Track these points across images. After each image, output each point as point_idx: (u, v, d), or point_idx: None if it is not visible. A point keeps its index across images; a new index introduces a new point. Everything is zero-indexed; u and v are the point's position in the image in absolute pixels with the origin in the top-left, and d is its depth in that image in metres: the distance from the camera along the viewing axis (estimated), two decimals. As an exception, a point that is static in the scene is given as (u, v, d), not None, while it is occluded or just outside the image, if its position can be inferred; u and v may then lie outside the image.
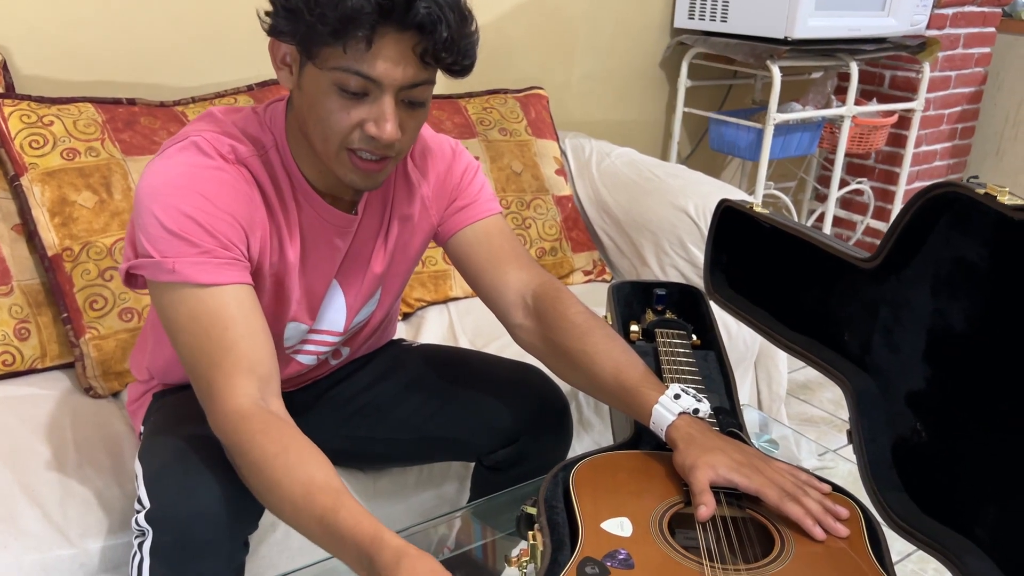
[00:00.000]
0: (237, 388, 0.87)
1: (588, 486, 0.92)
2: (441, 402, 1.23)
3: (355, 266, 1.10)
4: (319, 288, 1.08)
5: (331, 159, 0.94)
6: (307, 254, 1.04)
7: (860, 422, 0.99)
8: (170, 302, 0.91)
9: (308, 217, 1.02)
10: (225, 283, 0.91)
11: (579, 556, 0.81)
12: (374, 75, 0.86)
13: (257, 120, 1.00)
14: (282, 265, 1.02)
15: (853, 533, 0.85)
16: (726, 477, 0.88)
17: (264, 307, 1.04)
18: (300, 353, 1.16)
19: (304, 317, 1.10)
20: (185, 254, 0.89)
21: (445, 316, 1.74)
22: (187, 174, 0.92)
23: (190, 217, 0.90)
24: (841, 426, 2.18)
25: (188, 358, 0.91)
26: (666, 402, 0.95)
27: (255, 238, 0.97)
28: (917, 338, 0.96)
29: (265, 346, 0.91)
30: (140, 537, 0.97)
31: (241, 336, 0.89)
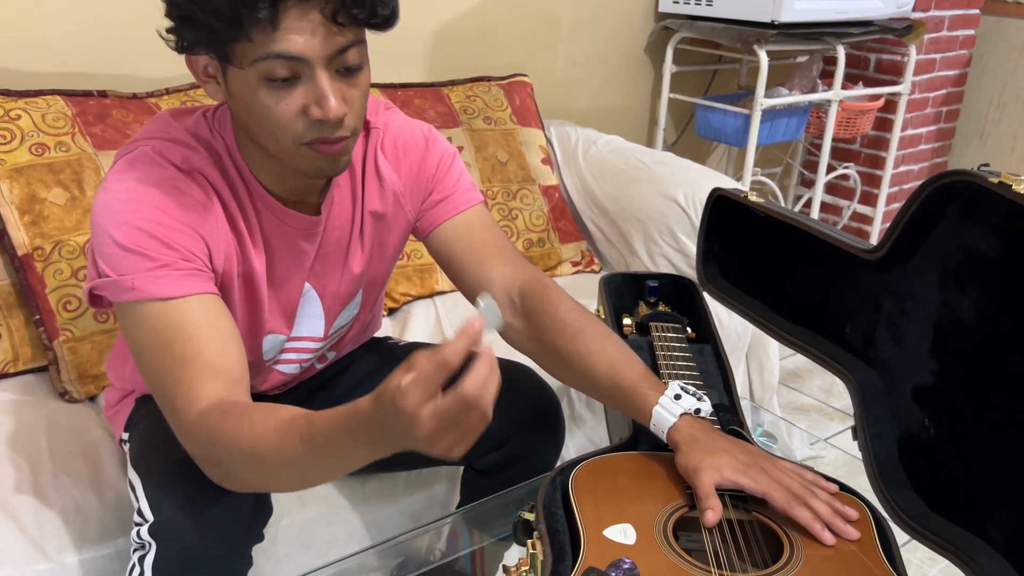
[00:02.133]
0: (200, 394, 0.83)
1: (588, 491, 0.88)
2: None
3: (329, 269, 1.05)
4: (292, 295, 1.04)
5: (289, 156, 0.88)
6: (273, 262, 1.00)
7: (865, 417, 0.96)
8: (133, 322, 0.86)
9: (269, 223, 0.97)
10: (187, 294, 0.86)
11: (582, 566, 0.77)
12: (293, 51, 0.80)
13: (207, 125, 0.94)
14: (249, 275, 0.98)
15: (863, 535, 0.83)
16: (732, 479, 0.85)
17: (238, 322, 1.00)
18: (281, 363, 1.12)
19: (280, 327, 1.06)
20: (143, 268, 0.85)
21: (431, 311, 1.70)
22: (139, 188, 0.87)
23: (145, 231, 0.85)
24: (832, 414, 2.17)
25: (152, 378, 0.87)
26: (666, 403, 0.91)
27: (218, 250, 0.92)
28: (923, 331, 0.93)
29: (232, 351, 0.87)
30: (141, 551, 0.93)
31: (205, 344, 0.85)
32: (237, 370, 0.86)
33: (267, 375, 1.12)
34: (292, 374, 1.15)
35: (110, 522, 1.11)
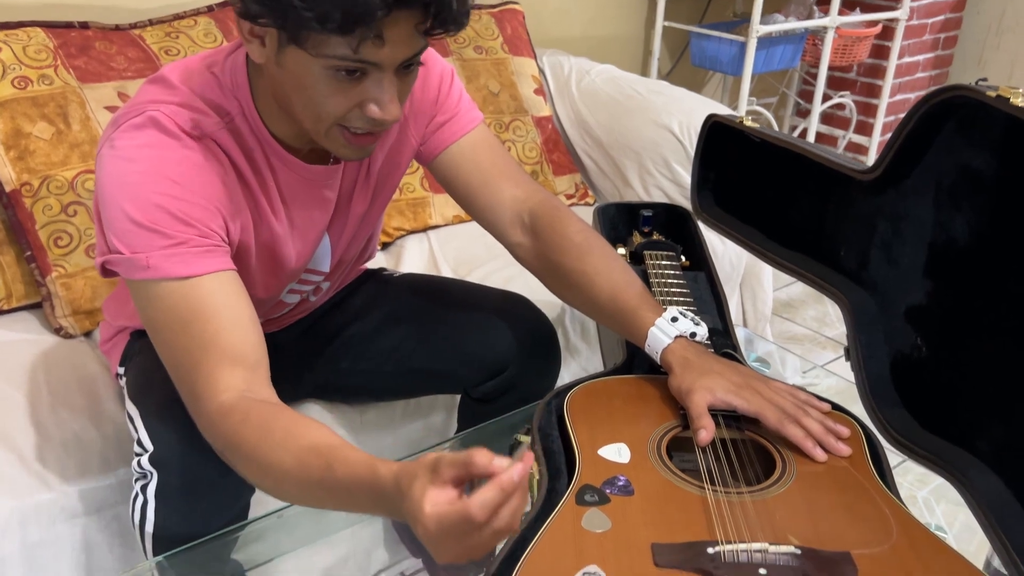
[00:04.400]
0: (219, 384, 0.81)
1: (583, 413, 0.89)
2: (424, 334, 1.19)
3: (339, 212, 1.04)
4: (312, 246, 1.03)
5: (320, 136, 0.86)
6: (294, 220, 0.98)
7: (858, 338, 0.97)
8: (148, 299, 0.84)
9: (288, 180, 0.94)
10: (204, 272, 0.83)
11: (577, 484, 0.79)
12: (374, 60, 0.77)
13: (217, 84, 0.89)
14: (270, 241, 0.96)
15: (854, 452, 0.84)
16: (724, 400, 0.86)
17: (258, 286, 0.98)
18: (288, 294, 1.12)
19: (298, 275, 1.06)
20: (158, 246, 0.82)
21: (426, 245, 1.70)
22: (151, 157, 0.83)
23: (161, 207, 0.82)
24: (825, 343, 2.18)
25: (169, 359, 0.85)
26: (663, 325, 0.92)
27: (234, 221, 0.89)
28: (917, 252, 0.93)
29: (251, 334, 0.85)
30: (143, 480, 0.94)
31: (223, 327, 0.82)
32: (256, 354, 0.84)
33: (273, 307, 1.12)
34: (291, 304, 1.15)
35: (110, 453, 1.12)
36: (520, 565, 0.69)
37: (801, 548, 0.70)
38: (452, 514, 0.61)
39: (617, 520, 0.74)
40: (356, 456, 0.72)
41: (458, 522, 0.61)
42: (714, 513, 0.75)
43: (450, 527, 0.61)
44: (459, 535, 0.62)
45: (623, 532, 0.73)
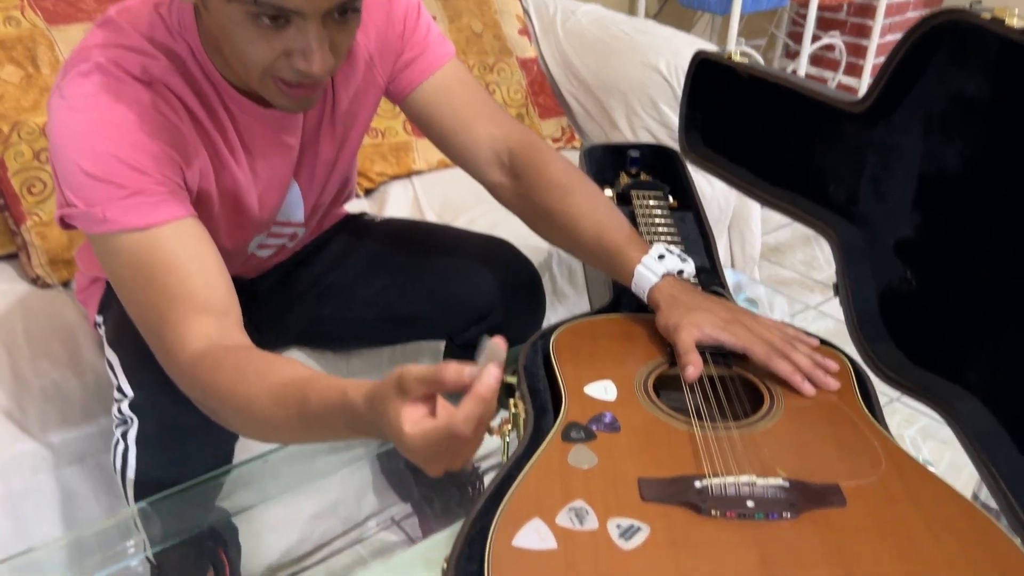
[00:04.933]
0: (189, 335, 0.78)
1: (569, 352, 0.88)
2: (406, 281, 1.17)
3: (306, 158, 1.00)
4: (278, 196, 1.00)
5: (255, 84, 0.82)
6: (257, 167, 0.94)
7: (847, 273, 0.96)
8: (108, 253, 0.81)
9: (246, 125, 0.91)
10: (163, 221, 0.80)
11: (563, 422, 0.78)
12: (296, 7, 0.73)
13: (165, 25, 0.85)
14: (232, 188, 0.93)
15: (843, 386, 0.83)
16: (712, 335, 0.85)
17: (223, 237, 0.95)
18: (260, 248, 1.09)
19: (267, 227, 1.03)
20: (114, 198, 0.78)
21: (409, 190, 1.67)
22: (100, 106, 0.79)
23: (113, 156, 0.78)
24: (813, 286, 2.18)
25: (136, 313, 0.82)
26: (649, 263, 0.90)
27: (192, 168, 0.86)
28: (907, 185, 0.91)
29: (218, 281, 0.82)
30: (123, 426, 0.93)
31: (188, 276, 0.80)
32: (224, 302, 0.82)
33: (245, 261, 1.09)
34: (267, 256, 1.13)
35: (91, 402, 1.11)
36: (506, 502, 0.68)
37: (789, 480, 0.70)
38: (436, 432, 0.59)
39: (603, 456, 0.73)
40: (328, 384, 0.69)
41: (443, 439, 0.59)
42: (701, 448, 0.74)
43: (435, 445, 0.60)
44: (446, 451, 0.61)
45: (610, 468, 0.72)
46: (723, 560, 0.63)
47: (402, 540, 1.41)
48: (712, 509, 0.67)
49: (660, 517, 0.67)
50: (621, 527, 0.66)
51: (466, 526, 0.70)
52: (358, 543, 1.40)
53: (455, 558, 0.67)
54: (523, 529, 0.66)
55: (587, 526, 0.66)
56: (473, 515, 0.71)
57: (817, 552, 0.64)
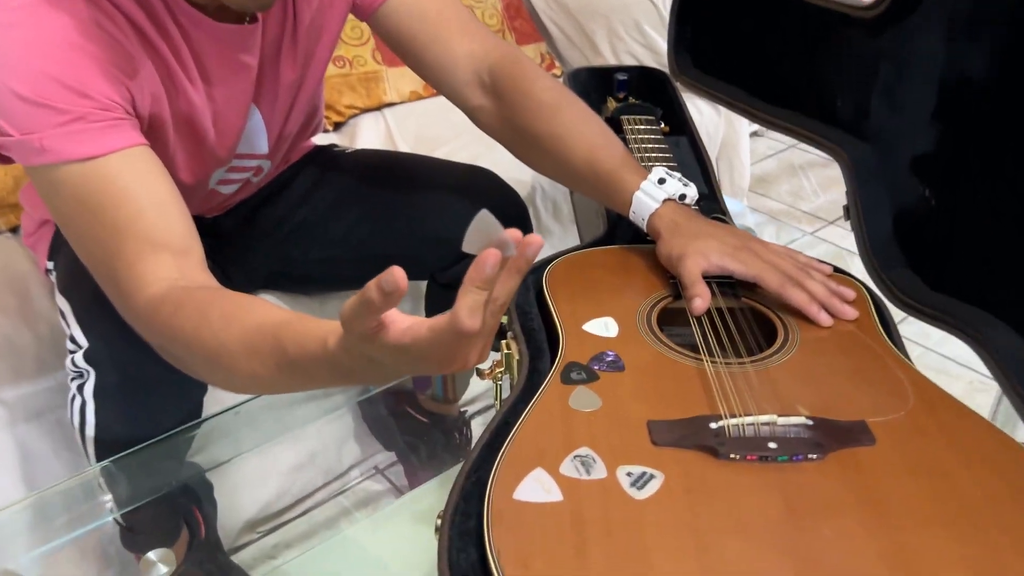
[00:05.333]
0: (145, 276, 0.70)
1: (564, 287, 0.81)
2: (380, 216, 1.09)
3: (267, 80, 0.91)
4: (239, 122, 0.90)
5: None
6: (214, 90, 0.84)
7: (858, 195, 0.89)
8: (50, 187, 0.72)
9: (200, 44, 0.81)
10: (110, 151, 0.71)
11: (562, 362, 0.71)
12: None
13: None
14: (187, 113, 0.83)
15: (861, 315, 0.77)
16: (719, 264, 0.78)
17: (180, 168, 0.86)
18: (222, 184, 1.00)
19: (227, 158, 0.94)
20: (52, 124, 0.69)
21: (381, 124, 1.58)
22: (34, 20, 0.70)
23: (50, 77, 0.68)
24: (800, 217, 2.12)
25: (85, 254, 0.74)
26: (649, 188, 0.83)
27: (141, 91, 0.76)
28: (925, 94, 0.84)
29: (175, 215, 0.73)
30: (79, 379, 0.85)
31: (141, 211, 0.71)
32: (184, 239, 0.73)
33: (206, 198, 1.01)
34: (230, 193, 1.04)
35: (46, 355, 1.03)
36: (504, 452, 0.62)
37: (812, 418, 0.64)
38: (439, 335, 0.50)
39: (608, 398, 0.67)
40: (306, 329, 0.61)
41: (450, 341, 0.51)
42: (714, 386, 0.68)
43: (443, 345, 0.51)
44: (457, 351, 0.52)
45: (615, 410, 0.66)
46: (745, 506, 0.57)
47: (387, 489, 1.36)
48: (730, 452, 0.61)
49: (674, 463, 0.61)
50: (632, 475, 0.60)
51: (460, 479, 0.63)
52: (340, 494, 1.35)
53: (450, 514, 0.60)
54: (525, 480, 0.59)
55: (595, 475, 0.60)
56: (468, 466, 0.64)
57: (846, 495, 0.58)
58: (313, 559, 1.03)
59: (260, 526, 1.28)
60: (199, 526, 1.09)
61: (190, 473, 1.03)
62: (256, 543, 1.27)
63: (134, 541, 1.02)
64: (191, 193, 0.94)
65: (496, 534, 0.55)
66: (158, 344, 0.72)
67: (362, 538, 1.09)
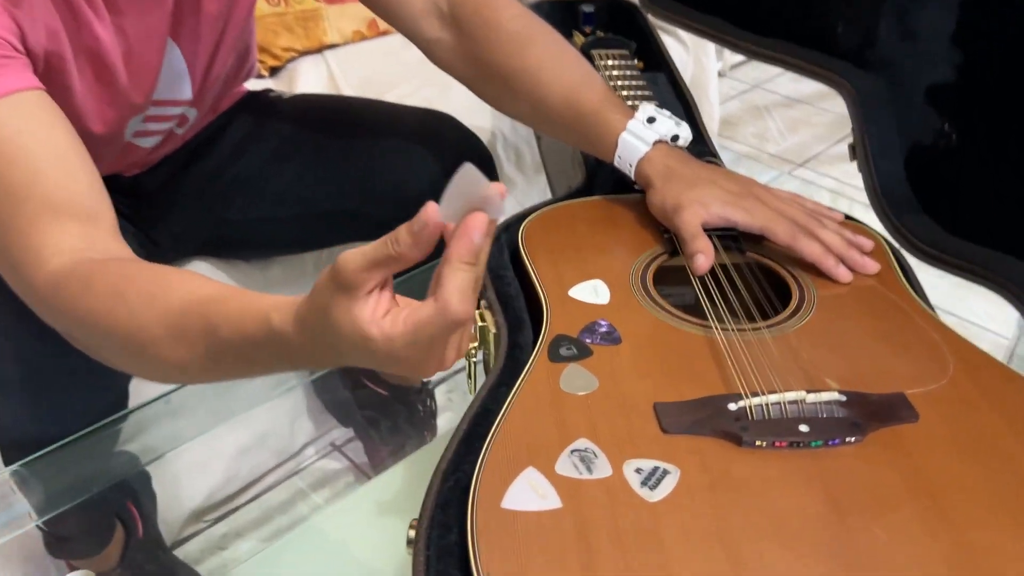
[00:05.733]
0: (45, 248, 0.58)
1: (543, 246, 0.70)
2: (325, 169, 0.96)
3: (186, 11, 0.77)
4: (154, 60, 0.77)
5: None
6: (123, 21, 0.71)
7: (866, 132, 0.79)
8: None
9: None
10: None
11: (548, 335, 0.61)
12: None
13: None
14: (94, 50, 0.70)
15: (883, 268, 0.68)
16: (721, 215, 0.68)
17: (86, 115, 0.73)
18: (140, 136, 0.86)
19: (143, 104, 0.80)
20: None
21: (323, 67, 1.43)
22: None
23: None
24: (769, 161, 2.04)
25: None
26: (637, 128, 0.72)
27: (34, 26, 0.63)
28: (943, 17, 0.74)
29: (80, 174, 0.61)
30: None
31: (39, 169, 0.59)
32: (90, 201, 0.61)
33: (123, 153, 0.87)
34: (153, 147, 0.90)
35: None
36: (487, 449, 0.51)
37: (845, 393, 0.55)
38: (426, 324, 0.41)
39: (605, 377, 0.57)
40: (243, 307, 0.50)
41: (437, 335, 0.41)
42: (728, 358, 0.58)
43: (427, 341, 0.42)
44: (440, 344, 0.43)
45: (615, 392, 0.56)
46: (780, 505, 0.48)
47: (346, 467, 1.26)
48: (756, 439, 0.52)
49: (690, 454, 0.51)
50: (642, 472, 0.50)
51: (436, 481, 0.53)
52: (295, 474, 1.24)
53: (425, 528, 0.50)
54: (514, 484, 0.49)
55: (597, 473, 0.50)
56: (444, 466, 0.54)
57: (896, 484, 0.49)
58: (268, 556, 0.92)
59: (207, 514, 1.17)
60: (135, 523, 0.98)
61: (122, 465, 0.91)
62: (203, 533, 1.17)
63: (61, 548, 0.90)
64: (103, 147, 0.80)
65: (484, 553, 0.45)
66: (64, 328, 0.60)
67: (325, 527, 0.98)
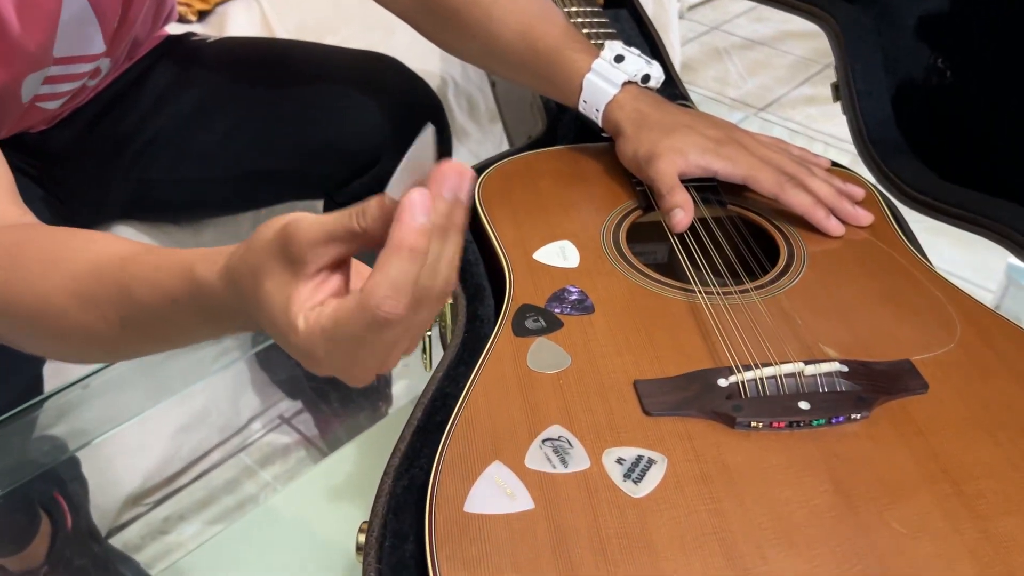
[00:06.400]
0: None
1: (503, 204, 0.63)
2: (263, 119, 0.87)
3: None
4: (49, 3, 0.67)
5: None
6: None
7: (851, 70, 0.73)
8: None
9: None
10: None
11: (512, 305, 0.53)
12: None
13: None
14: None
15: (876, 219, 0.62)
16: (700, 164, 0.61)
17: None
18: (44, 100, 0.76)
19: (40, 58, 0.70)
20: None
21: (255, 10, 1.32)
22: None
23: None
24: (732, 105, 1.97)
25: None
26: (603, 68, 0.64)
27: None
28: (935, -61, 0.67)
29: None
30: None
31: None
32: None
33: (26, 115, 0.77)
34: (58, 109, 0.80)
35: None
36: (445, 442, 0.44)
37: (846, 362, 0.49)
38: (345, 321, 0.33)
39: (578, 352, 0.50)
40: (160, 261, 0.42)
41: (359, 332, 0.32)
42: (715, 326, 0.51)
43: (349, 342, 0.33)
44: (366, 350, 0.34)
45: (589, 369, 0.49)
46: (783, 497, 0.42)
47: (296, 441, 1.18)
48: (750, 419, 0.45)
49: (677, 439, 0.45)
50: (624, 462, 0.44)
51: (387, 481, 0.46)
52: (242, 450, 1.17)
53: (376, 536, 0.43)
54: (478, 483, 0.43)
55: (573, 466, 0.44)
56: (396, 462, 0.47)
57: (910, 467, 0.44)
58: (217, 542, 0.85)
59: (146, 497, 1.09)
60: (63, 514, 0.90)
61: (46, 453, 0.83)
62: (143, 517, 1.09)
63: (-23, 547, 0.82)
64: None
65: (445, 567, 0.39)
66: None
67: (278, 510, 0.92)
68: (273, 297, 0.35)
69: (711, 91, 2.03)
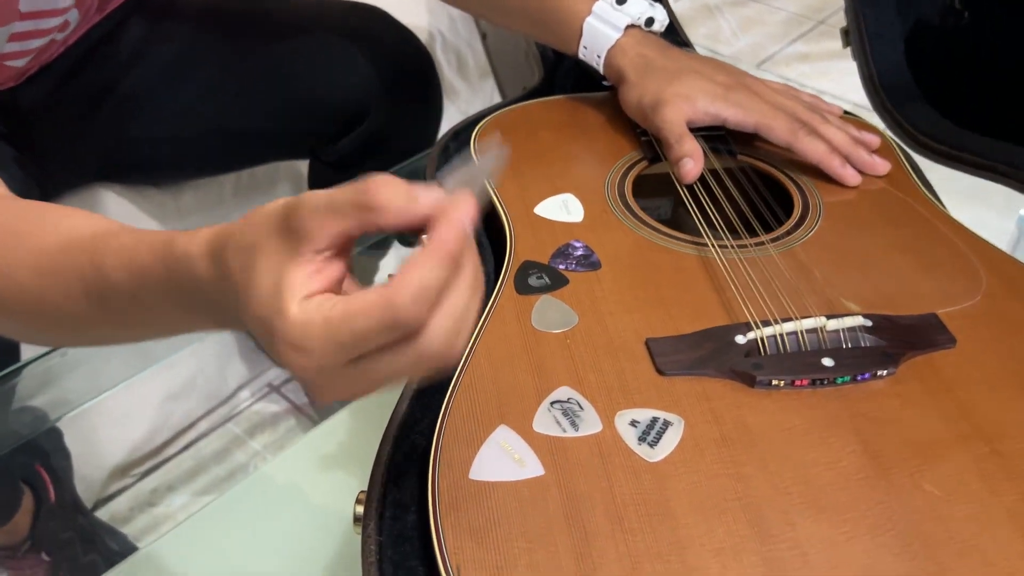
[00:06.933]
0: None
1: (501, 155, 0.59)
2: (241, 76, 0.83)
3: None
4: None
5: None
6: None
7: (862, 13, 0.69)
8: None
9: None
10: None
11: (514, 262, 0.51)
12: None
13: None
14: None
15: (893, 168, 0.59)
16: (709, 111, 0.58)
17: None
18: (12, 58, 0.72)
19: (7, 13, 0.66)
20: None
21: (234, -36, 1.26)
22: None
23: None
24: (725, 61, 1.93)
25: None
26: (605, 11, 0.61)
27: None
28: None
29: None
30: None
31: None
32: None
33: None
34: (25, 65, 0.76)
35: None
36: (448, 406, 0.42)
37: (869, 316, 0.46)
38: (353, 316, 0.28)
39: (585, 310, 0.47)
40: (137, 237, 0.39)
41: (370, 328, 0.28)
42: (730, 280, 0.49)
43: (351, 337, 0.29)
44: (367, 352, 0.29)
45: (598, 327, 0.46)
46: (809, 459, 0.40)
47: (285, 409, 1.16)
48: (772, 378, 0.43)
49: (695, 399, 0.42)
50: (639, 425, 0.41)
51: (386, 447, 0.43)
52: (230, 420, 1.14)
53: (375, 506, 0.41)
54: (484, 448, 0.40)
55: (585, 429, 0.41)
56: (394, 428, 0.44)
57: (941, 427, 0.41)
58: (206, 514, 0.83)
59: (133, 468, 1.06)
60: (46, 487, 0.87)
61: (26, 425, 0.80)
62: (131, 489, 1.06)
63: (-44, 525, 0.79)
64: None
65: (450, 538, 0.36)
66: None
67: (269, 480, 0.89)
68: (263, 276, 0.31)
69: (703, 48, 1.98)
